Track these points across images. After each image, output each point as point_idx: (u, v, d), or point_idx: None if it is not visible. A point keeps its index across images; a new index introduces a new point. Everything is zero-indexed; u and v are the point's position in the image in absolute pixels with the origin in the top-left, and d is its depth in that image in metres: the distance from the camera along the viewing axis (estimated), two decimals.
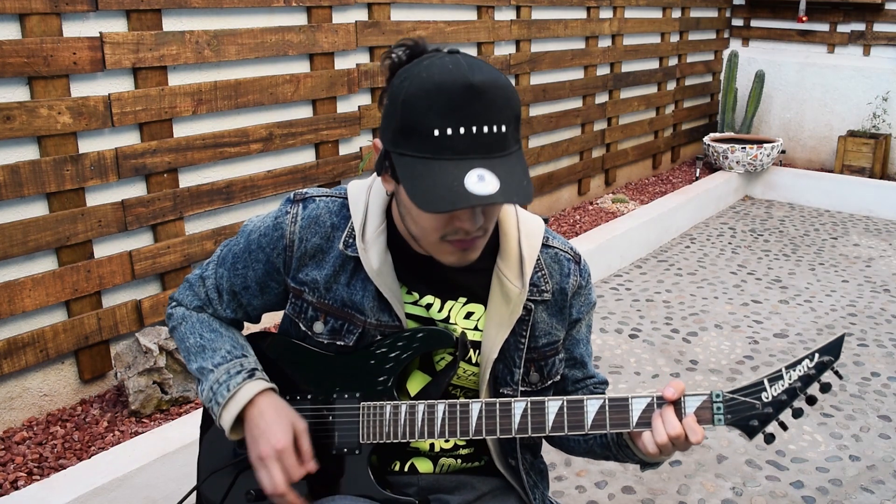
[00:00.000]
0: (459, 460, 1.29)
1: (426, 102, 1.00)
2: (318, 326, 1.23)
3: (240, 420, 1.21)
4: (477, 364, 1.23)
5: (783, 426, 1.13)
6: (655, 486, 2.43)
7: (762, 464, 2.55)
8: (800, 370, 1.11)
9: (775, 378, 1.12)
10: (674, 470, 2.51)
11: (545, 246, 1.26)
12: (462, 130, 0.99)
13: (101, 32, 2.43)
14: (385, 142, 1.08)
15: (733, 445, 2.64)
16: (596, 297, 1.34)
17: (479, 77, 1.00)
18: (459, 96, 0.99)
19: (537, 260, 1.24)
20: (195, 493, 1.34)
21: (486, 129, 1.00)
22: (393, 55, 1.11)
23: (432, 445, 1.27)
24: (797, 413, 1.12)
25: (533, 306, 1.23)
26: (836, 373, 1.12)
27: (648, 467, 1.26)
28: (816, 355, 1.11)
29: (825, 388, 1.11)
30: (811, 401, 1.11)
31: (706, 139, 5.79)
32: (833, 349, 1.11)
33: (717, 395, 1.12)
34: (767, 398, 1.11)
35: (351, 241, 1.20)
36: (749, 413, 1.12)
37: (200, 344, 1.27)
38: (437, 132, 0.99)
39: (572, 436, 1.32)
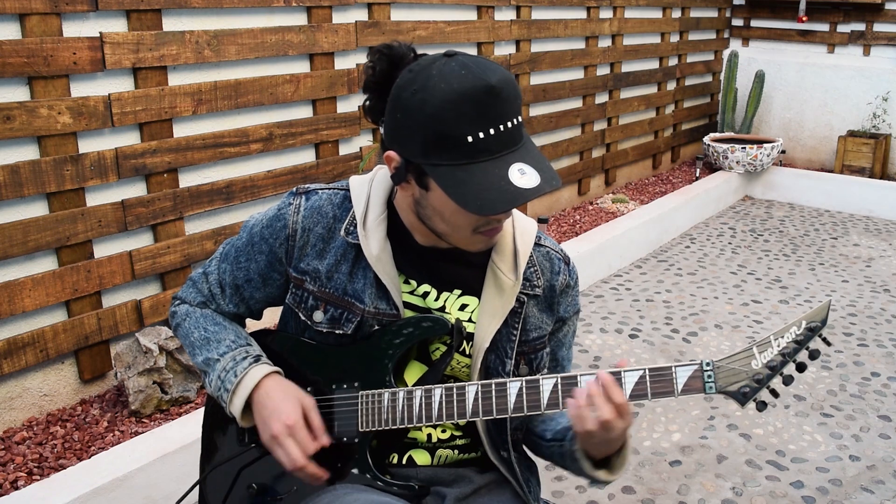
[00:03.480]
0: (456, 451, 1.31)
1: (454, 112, 1.04)
2: (318, 315, 1.26)
3: (248, 406, 1.23)
4: (470, 355, 1.26)
5: (774, 393, 1.15)
6: (655, 486, 2.43)
7: (762, 464, 2.55)
8: (788, 337, 1.13)
9: (764, 345, 1.14)
10: (674, 470, 2.51)
11: (537, 245, 1.31)
12: (492, 131, 1.05)
13: (101, 32, 2.43)
14: (408, 154, 1.10)
15: (733, 445, 2.64)
16: (581, 306, 1.36)
17: (494, 77, 1.05)
18: (484, 100, 1.04)
19: (530, 256, 1.28)
20: (197, 490, 1.34)
21: (509, 124, 1.07)
22: (373, 66, 1.15)
23: (429, 436, 1.29)
24: (787, 380, 1.14)
25: (525, 299, 1.27)
26: (824, 339, 1.14)
27: (595, 484, 1.26)
28: (804, 322, 1.13)
29: (814, 354, 1.13)
30: (801, 367, 1.13)
31: (706, 139, 5.79)
32: (820, 315, 1.13)
33: (708, 364, 1.14)
34: (757, 365, 1.14)
35: (352, 228, 1.24)
36: (739, 380, 1.14)
37: (205, 337, 1.30)
38: (470, 138, 1.04)
39: (540, 437, 1.34)
